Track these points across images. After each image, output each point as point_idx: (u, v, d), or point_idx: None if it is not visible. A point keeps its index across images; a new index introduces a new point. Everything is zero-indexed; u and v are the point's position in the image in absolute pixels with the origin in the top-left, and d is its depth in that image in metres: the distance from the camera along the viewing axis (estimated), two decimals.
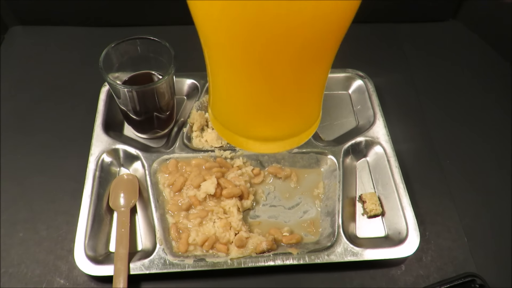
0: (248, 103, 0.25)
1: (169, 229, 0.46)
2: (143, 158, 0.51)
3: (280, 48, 0.20)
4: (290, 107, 0.25)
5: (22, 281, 0.44)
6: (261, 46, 0.20)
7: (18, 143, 0.55)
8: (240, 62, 0.22)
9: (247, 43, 0.20)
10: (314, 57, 0.22)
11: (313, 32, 0.20)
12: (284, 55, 0.21)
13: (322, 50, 0.22)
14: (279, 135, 0.25)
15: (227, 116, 0.25)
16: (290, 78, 0.23)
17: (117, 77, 0.50)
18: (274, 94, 0.24)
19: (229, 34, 0.20)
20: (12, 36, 0.69)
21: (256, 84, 0.23)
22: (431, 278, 0.46)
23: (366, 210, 0.50)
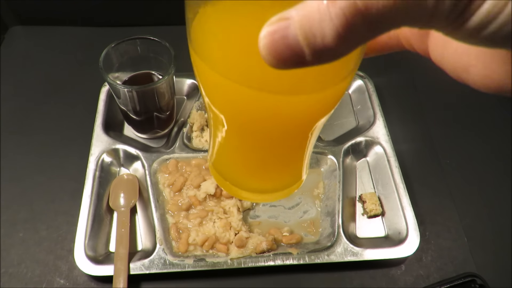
0: (243, 163, 0.30)
1: (169, 229, 0.46)
2: (143, 158, 0.51)
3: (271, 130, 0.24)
4: (279, 170, 0.31)
5: (22, 281, 0.44)
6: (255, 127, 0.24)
7: (18, 143, 0.55)
8: (236, 133, 0.26)
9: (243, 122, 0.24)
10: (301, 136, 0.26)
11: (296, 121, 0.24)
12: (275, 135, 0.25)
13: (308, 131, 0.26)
14: (269, 189, 0.31)
15: (224, 169, 0.31)
16: (280, 150, 0.27)
17: (117, 77, 0.50)
18: (265, 160, 0.28)
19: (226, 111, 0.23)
20: (12, 36, 0.69)
21: (250, 150, 0.28)
22: (431, 278, 0.46)
23: (366, 210, 0.50)
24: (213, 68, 0.20)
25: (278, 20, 0.13)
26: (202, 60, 0.21)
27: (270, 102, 0.20)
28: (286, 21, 0.13)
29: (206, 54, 0.20)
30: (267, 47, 0.13)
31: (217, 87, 0.22)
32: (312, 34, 0.12)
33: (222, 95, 0.22)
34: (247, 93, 0.20)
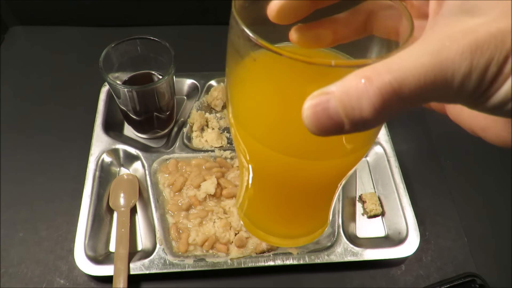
0: (275, 213, 0.33)
1: (169, 229, 0.46)
2: (143, 158, 0.51)
3: (303, 188, 0.27)
4: (307, 219, 0.33)
5: (22, 281, 0.44)
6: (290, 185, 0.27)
7: (18, 143, 0.55)
8: (270, 189, 0.29)
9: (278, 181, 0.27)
10: (329, 191, 0.30)
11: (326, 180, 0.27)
12: (307, 191, 0.28)
13: (335, 187, 0.29)
14: (296, 235, 0.35)
15: (255, 217, 0.34)
16: (310, 202, 0.31)
17: (117, 77, 0.50)
18: (295, 211, 0.32)
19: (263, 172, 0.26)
20: (12, 36, 0.69)
21: (282, 203, 0.31)
22: (431, 278, 0.46)
23: (366, 210, 0.50)
24: (254, 138, 0.22)
25: (320, 94, 0.15)
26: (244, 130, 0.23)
27: (305, 166, 0.23)
28: (327, 96, 0.15)
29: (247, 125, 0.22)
30: (310, 117, 0.15)
31: (257, 153, 0.24)
32: (352, 107, 0.14)
33: (263, 161, 0.24)
34: (285, 160, 0.22)
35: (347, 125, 0.15)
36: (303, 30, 0.22)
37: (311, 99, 0.15)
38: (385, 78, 0.14)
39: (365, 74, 0.14)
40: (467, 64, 0.14)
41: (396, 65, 0.14)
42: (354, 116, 0.14)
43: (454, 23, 0.15)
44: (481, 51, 0.14)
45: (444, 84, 0.14)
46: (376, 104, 0.14)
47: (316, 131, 0.15)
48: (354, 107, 0.14)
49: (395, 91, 0.14)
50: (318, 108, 0.15)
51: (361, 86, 0.14)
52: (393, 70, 0.14)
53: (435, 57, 0.14)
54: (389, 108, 0.14)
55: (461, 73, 0.14)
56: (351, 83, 0.14)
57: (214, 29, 0.69)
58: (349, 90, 0.14)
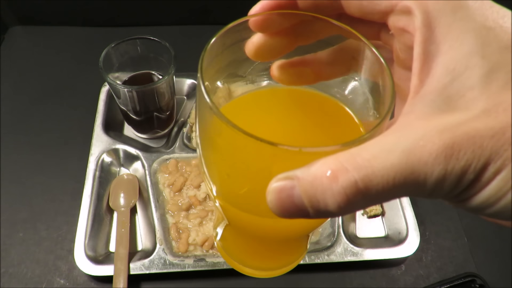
0: (251, 250, 0.33)
1: (169, 229, 0.46)
2: (143, 158, 0.51)
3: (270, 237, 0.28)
4: (285, 254, 0.34)
5: (22, 281, 0.44)
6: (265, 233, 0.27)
7: (18, 143, 0.55)
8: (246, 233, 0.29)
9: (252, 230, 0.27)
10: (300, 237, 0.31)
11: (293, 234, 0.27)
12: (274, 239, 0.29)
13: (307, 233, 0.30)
14: (272, 267, 0.35)
15: (232, 250, 0.34)
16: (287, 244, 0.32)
17: (117, 77, 0.50)
18: (273, 249, 0.32)
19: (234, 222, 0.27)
20: (12, 36, 0.69)
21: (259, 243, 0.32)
22: (431, 278, 0.46)
23: (366, 210, 0.50)
24: (222, 197, 0.23)
25: (285, 178, 0.14)
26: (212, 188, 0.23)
27: (273, 224, 0.23)
28: (291, 182, 0.14)
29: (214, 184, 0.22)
30: (274, 202, 0.14)
31: (227, 209, 0.24)
32: (316, 200, 0.14)
33: (233, 215, 0.25)
34: (257, 218, 0.22)
35: (311, 213, 0.14)
36: (285, 67, 0.21)
37: (276, 181, 0.14)
38: (351, 176, 0.13)
39: (331, 167, 0.13)
40: (441, 169, 0.13)
41: (364, 162, 0.13)
42: (319, 209, 0.14)
43: (431, 116, 0.14)
44: (457, 156, 0.13)
45: (415, 186, 0.13)
46: (340, 202, 0.13)
47: (280, 215, 0.15)
48: (319, 201, 0.13)
49: (360, 192, 0.13)
50: (282, 195, 0.14)
51: (326, 182, 0.13)
52: (360, 168, 0.13)
53: (406, 157, 0.13)
54: (354, 206, 0.13)
55: (433, 178, 0.13)
56: (317, 174, 0.13)
57: (214, 29, 0.69)
58: (314, 182, 0.13)
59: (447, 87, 0.14)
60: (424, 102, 0.14)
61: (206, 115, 0.17)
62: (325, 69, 0.21)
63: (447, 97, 0.14)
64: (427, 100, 0.14)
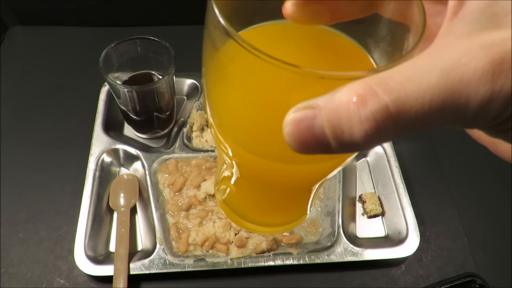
0: (255, 204, 0.32)
1: (169, 229, 0.46)
2: (143, 158, 0.51)
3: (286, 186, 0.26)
4: (288, 210, 0.33)
5: (22, 281, 0.44)
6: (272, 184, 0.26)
7: (18, 142, 0.55)
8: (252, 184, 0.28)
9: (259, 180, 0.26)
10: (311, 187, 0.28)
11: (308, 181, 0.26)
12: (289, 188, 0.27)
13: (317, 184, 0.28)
14: (277, 223, 0.33)
15: (235, 205, 0.33)
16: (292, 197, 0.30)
17: (117, 77, 0.50)
18: (276, 203, 0.31)
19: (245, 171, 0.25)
20: (12, 36, 0.69)
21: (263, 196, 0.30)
22: (431, 278, 0.46)
23: (366, 210, 0.50)
24: (232, 140, 0.21)
25: (305, 108, 0.13)
26: (221, 131, 0.21)
27: (285, 170, 0.21)
28: (312, 111, 0.13)
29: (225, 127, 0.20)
30: (292, 134, 0.13)
31: (236, 155, 0.22)
32: (340, 129, 0.12)
33: (241, 161, 0.23)
34: (264, 163, 0.21)
35: (334, 147, 0.13)
36: (299, 4, 0.19)
37: (294, 112, 0.13)
38: (381, 100, 0.11)
39: (358, 92, 0.12)
40: (487, 89, 0.11)
41: (396, 84, 0.11)
42: (343, 140, 0.12)
43: (474, 33, 0.12)
44: (507, 74, 0.11)
45: (454, 111, 0.11)
46: (368, 130, 0.12)
47: (298, 149, 0.13)
48: (344, 130, 0.12)
49: (392, 117, 0.11)
50: (302, 125, 0.13)
51: (352, 107, 0.12)
52: (392, 91, 0.11)
53: (445, 77, 0.11)
54: (384, 134, 0.12)
55: (478, 100, 0.11)
56: (342, 100, 0.12)
57: None
58: (338, 109, 0.12)
59: (492, 5, 0.12)
60: (465, 21, 0.13)
61: (216, 40, 0.16)
62: (343, 7, 0.19)
63: (492, 15, 0.12)
64: (468, 19, 0.13)
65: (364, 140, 0.12)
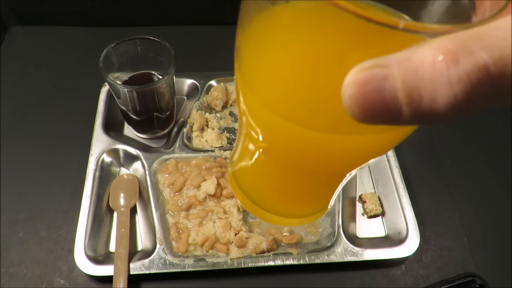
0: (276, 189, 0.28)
1: (169, 229, 0.46)
2: (143, 158, 0.51)
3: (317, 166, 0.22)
4: (311, 199, 0.29)
5: (22, 281, 0.44)
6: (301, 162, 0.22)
7: (18, 142, 0.55)
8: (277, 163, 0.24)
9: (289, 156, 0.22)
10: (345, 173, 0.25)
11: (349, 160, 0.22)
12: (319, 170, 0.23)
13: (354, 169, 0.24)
14: (296, 214, 0.30)
15: (253, 191, 0.29)
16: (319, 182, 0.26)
17: (117, 77, 0.50)
18: (300, 189, 0.27)
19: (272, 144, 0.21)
20: (12, 36, 0.69)
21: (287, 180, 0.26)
22: (431, 278, 0.46)
23: (366, 210, 0.50)
24: (265, 105, 0.18)
25: (373, 66, 0.11)
26: (252, 93, 0.18)
27: (331, 142, 0.18)
28: (382, 70, 0.10)
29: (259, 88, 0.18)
30: (354, 97, 0.11)
31: (267, 123, 0.19)
32: (419, 94, 0.10)
33: (275, 134, 0.20)
34: (302, 132, 0.18)
35: (406, 115, 0.10)
36: None
37: (359, 72, 0.11)
38: (479, 58, 0.09)
39: (447, 48, 0.09)
40: None
41: (498, 40, 0.09)
42: (421, 106, 0.10)
43: None
44: None
45: None
46: (459, 94, 0.09)
47: (360, 117, 0.11)
48: (423, 94, 0.10)
49: (491, 80, 0.09)
50: (368, 87, 0.11)
51: (439, 66, 0.09)
52: (492, 48, 0.09)
53: None
54: (475, 102, 0.10)
55: None
56: (424, 58, 0.10)
57: (214, 29, 0.69)
58: (419, 69, 0.10)
59: None
60: None
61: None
62: None
63: None
64: None
65: (449, 108, 0.10)
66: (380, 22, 0.11)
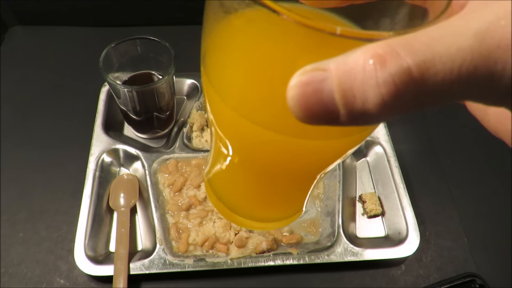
0: (245, 192, 0.29)
1: (169, 229, 0.46)
2: (143, 158, 0.51)
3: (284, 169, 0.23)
4: (283, 202, 0.30)
5: (22, 281, 0.44)
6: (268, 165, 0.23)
7: (18, 142, 0.55)
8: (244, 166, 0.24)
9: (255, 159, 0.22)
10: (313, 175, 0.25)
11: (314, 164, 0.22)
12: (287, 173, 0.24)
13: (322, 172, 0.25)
14: (271, 219, 0.30)
15: (223, 193, 0.30)
16: (288, 185, 0.27)
17: (117, 77, 0.50)
18: (270, 192, 0.28)
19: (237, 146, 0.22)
20: (12, 36, 0.69)
21: (255, 182, 0.27)
22: (431, 278, 0.46)
23: (366, 210, 0.50)
24: (228, 104, 0.19)
25: (313, 70, 0.11)
26: (216, 92, 0.19)
27: (294, 145, 0.19)
28: (322, 73, 0.11)
29: (222, 87, 0.19)
30: (296, 99, 0.12)
31: (230, 123, 0.20)
32: (352, 95, 0.11)
33: (236, 132, 0.21)
34: (265, 134, 0.18)
35: (343, 117, 0.11)
36: None
37: (301, 74, 0.11)
38: (403, 61, 0.10)
39: (377, 52, 0.10)
40: None
41: (422, 45, 0.10)
42: (354, 107, 0.11)
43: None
44: None
45: (487, 80, 0.10)
46: (385, 95, 0.10)
47: (302, 117, 0.12)
48: (356, 96, 0.11)
49: (414, 82, 0.10)
50: (309, 89, 0.11)
51: (369, 69, 0.10)
52: (416, 52, 0.10)
53: (480, 41, 0.10)
54: (402, 103, 0.10)
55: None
56: (357, 61, 0.11)
57: None
58: (352, 71, 0.11)
59: None
60: None
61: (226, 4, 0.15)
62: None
63: None
64: None
65: (378, 108, 0.11)
66: (319, 28, 0.12)
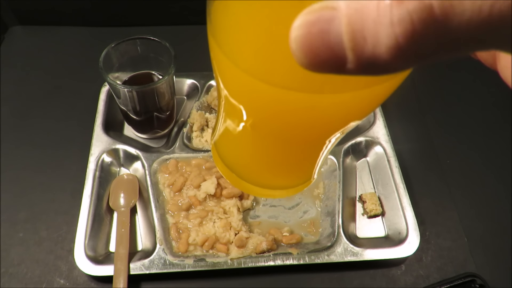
0: (255, 158, 0.27)
1: (169, 229, 0.46)
2: (143, 158, 0.51)
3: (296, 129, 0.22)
4: (293, 168, 0.28)
5: (22, 281, 0.44)
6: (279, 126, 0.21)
7: (18, 143, 0.55)
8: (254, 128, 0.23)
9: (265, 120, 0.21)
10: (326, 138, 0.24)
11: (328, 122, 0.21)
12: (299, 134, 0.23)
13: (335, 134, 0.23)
14: (277, 186, 0.29)
15: (232, 160, 0.28)
16: (299, 149, 0.25)
17: (117, 77, 0.50)
18: (280, 157, 0.26)
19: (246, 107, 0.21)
20: (12, 36, 0.69)
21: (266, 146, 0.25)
22: (431, 278, 0.46)
23: (366, 210, 0.50)
24: (235, 63, 0.18)
25: (321, 8, 0.10)
26: (222, 51, 0.18)
27: (303, 103, 0.18)
28: (331, 12, 0.10)
29: (228, 45, 0.18)
30: (300, 40, 0.10)
31: (237, 82, 0.19)
32: (362, 37, 0.09)
33: (244, 92, 0.20)
34: (274, 92, 0.17)
35: (350, 63, 0.10)
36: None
37: (307, 13, 0.10)
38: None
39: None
40: None
41: None
42: (364, 51, 0.09)
43: None
44: None
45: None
46: (400, 36, 0.09)
47: (304, 63, 0.11)
48: (367, 37, 0.09)
49: (435, 21, 0.08)
50: (314, 29, 0.10)
51: (383, 6, 0.09)
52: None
53: None
54: (418, 47, 0.09)
55: None
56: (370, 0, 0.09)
57: None
58: (364, 10, 0.09)
59: None
60: None
61: None
62: None
63: None
64: None
65: (390, 53, 0.09)
66: None
